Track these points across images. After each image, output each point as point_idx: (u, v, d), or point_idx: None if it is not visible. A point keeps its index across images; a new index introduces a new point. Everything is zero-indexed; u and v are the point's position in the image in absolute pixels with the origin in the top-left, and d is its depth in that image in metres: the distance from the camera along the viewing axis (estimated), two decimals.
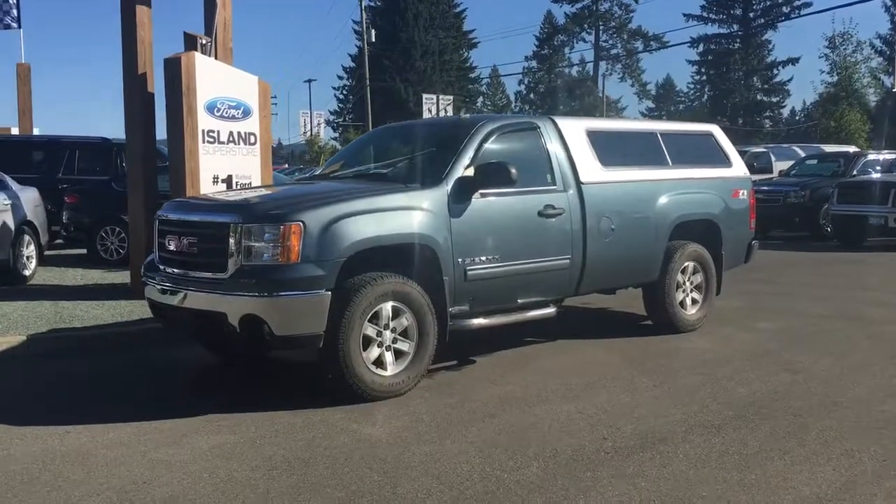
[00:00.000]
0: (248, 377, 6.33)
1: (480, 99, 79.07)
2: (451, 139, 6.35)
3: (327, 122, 66.33)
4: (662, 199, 7.25)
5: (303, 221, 5.18)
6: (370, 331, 5.44)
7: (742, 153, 20.39)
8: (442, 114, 35.42)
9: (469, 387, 5.84)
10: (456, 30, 66.18)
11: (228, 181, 9.03)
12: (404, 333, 5.63)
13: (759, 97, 61.81)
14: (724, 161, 8.13)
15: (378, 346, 5.50)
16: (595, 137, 6.99)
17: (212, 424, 4.99)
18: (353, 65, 63.45)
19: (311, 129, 62.35)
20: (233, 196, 6.47)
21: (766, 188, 17.36)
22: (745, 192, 8.15)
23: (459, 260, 5.86)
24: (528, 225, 6.30)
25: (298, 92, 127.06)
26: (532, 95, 73.35)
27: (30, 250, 10.32)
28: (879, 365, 6.35)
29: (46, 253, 12.10)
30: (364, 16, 45.44)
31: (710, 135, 8.22)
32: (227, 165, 9.13)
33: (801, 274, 12.05)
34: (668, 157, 7.54)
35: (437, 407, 5.34)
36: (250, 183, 9.04)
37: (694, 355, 6.75)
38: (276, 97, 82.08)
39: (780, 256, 14.05)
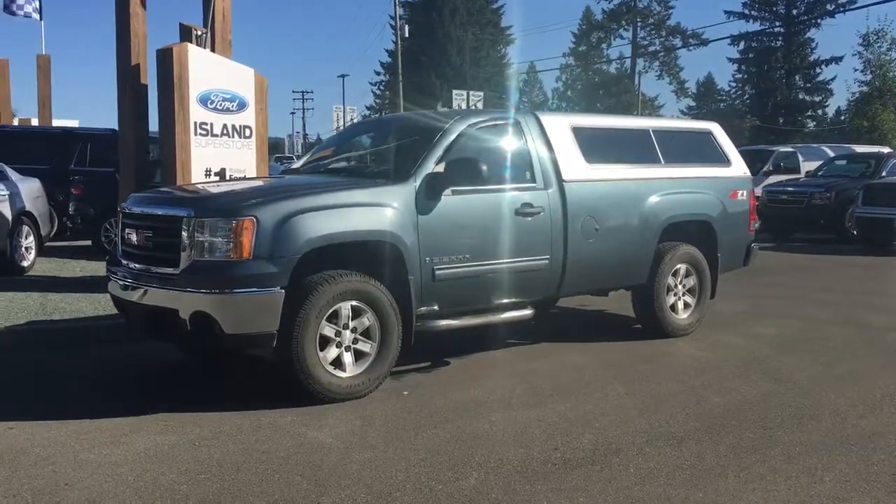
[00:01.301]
0: (213, 376, 6.19)
1: (517, 96, 78.80)
2: (426, 134, 6.16)
3: (364, 118, 66.45)
4: (652, 199, 6.98)
5: (255, 217, 5.02)
6: (328, 330, 5.27)
7: (769, 153, 20.04)
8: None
9: (434, 390, 5.65)
10: (493, 26, 65.88)
11: (222, 174, 8.92)
12: (366, 334, 5.45)
13: (801, 96, 60.53)
14: (723, 160, 7.83)
15: (337, 347, 5.33)
16: (581, 134, 6.75)
17: (157, 424, 4.86)
18: (389, 60, 63.45)
19: (344, 124, 62.47)
20: (195, 188, 6.31)
21: (790, 189, 16.95)
22: (745, 192, 7.84)
23: (427, 259, 5.67)
24: (503, 224, 6.08)
25: (336, 87, 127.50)
26: (570, 92, 72.75)
27: (28, 241, 10.33)
28: (870, 374, 6.04)
29: (54, 244, 12.17)
30: (397, 11, 45.24)
31: (708, 133, 7.93)
32: (220, 158, 9.02)
33: (816, 278, 11.64)
34: (660, 155, 7.26)
35: (394, 410, 5.16)
36: (244, 177, 8.92)
37: (678, 361, 6.49)
38: (312, 92, 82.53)
39: (798, 260, 13.66)
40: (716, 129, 8.00)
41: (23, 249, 10.20)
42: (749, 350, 6.86)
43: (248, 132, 9.38)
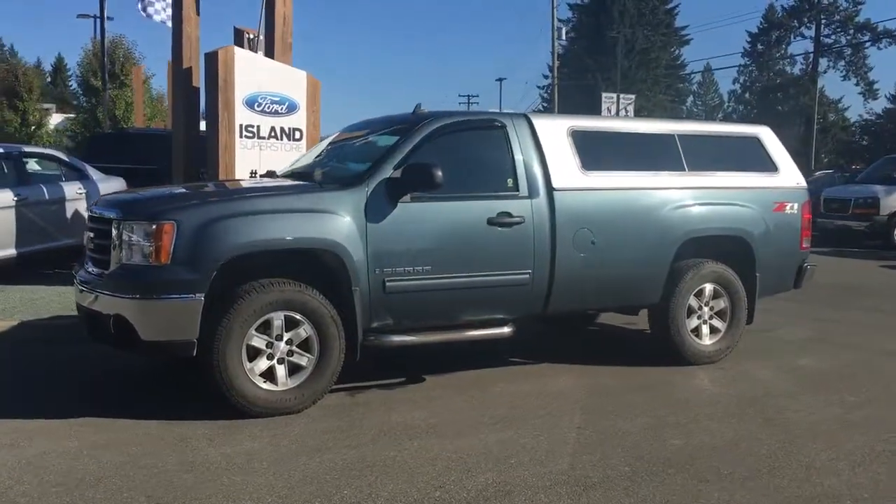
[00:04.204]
0: (176, 381, 6.09)
1: (690, 98, 75.80)
2: (393, 136, 5.81)
3: None
4: (667, 211, 6.28)
5: (176, 221, 4.86)
6: (257, 341, 5.04)
7: None
8: (622, 114, 33.98)
9: (379, 409, 5.30)
10: (666, 26, 63.72)
11: (269, 177, 8.92)
12: (304, 346, 5.19)
13: None
14: (770, 168, 6.95)
15: (268, 359, 5.10)
16: (581, 139, 6.17)
17: (70, 428, 4.80)
18: (557, 63, 62.72)
19: None
20: (150, 191, 6.18)
21: None
22: (796, 205, 6.92)
23: (377, 270, 5.32)
24: (471, 234, 5.64)
25: (506, 90, 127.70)
26: (748, 95, 69.19)
27: None
28: (890, 423, 5.13)
29: None
30: (555, 14, 44.42)
31: (754, 138, 7.06)
32: (267, 160, 9.04)
33: None
34: (685, 162, 6.53)
35: (315, 430, 4.86)
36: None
37: (674, 393, 5.78)
38: (478, 96, 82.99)
39: None
40: (764, 134, 7.12)
41: None
42: (769, 384, 6.04)
43: (297, 134, 9.37)
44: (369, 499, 3.88)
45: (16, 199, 9.25)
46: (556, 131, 6.10)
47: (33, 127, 35.15)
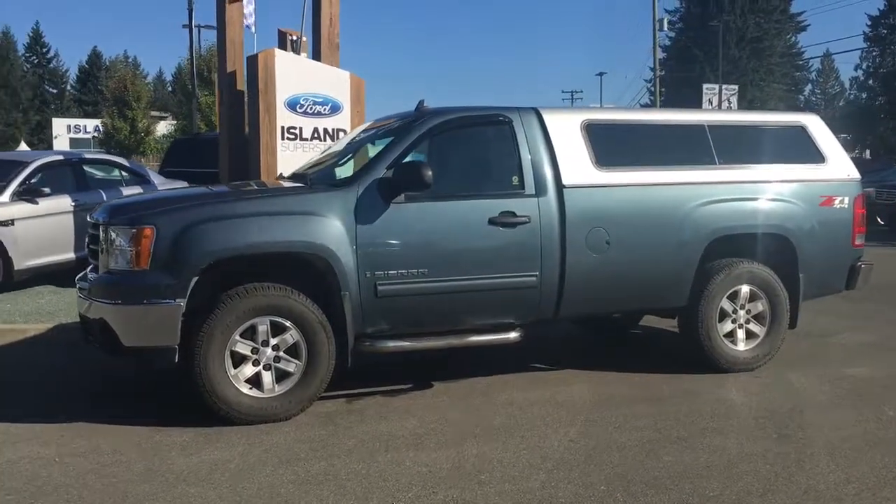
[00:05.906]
0: (182, 388, 6.04)
1: (808, 87, 72.55)
2: (392, 135, 5.62)
3: None
4: (692, 207, 5.85)
5: (155, 225, 4.81)
6: (241, 347, 4.94)
7: None
8: (724, 106, 32.73)
9: (371, 418, 5.11)
10: (780, 13, 61.12)
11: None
12: (292, 352, 5.06)
13: None
14: (817, 159, 6.40)
15: (254, 365, 4.99)
16: (596, 133, 5.81)
17: (54, 434, 4.80)
18: (663, 55, 61.01)
19: None
20: (141, 195, 6.15)
21: None
22: (846, 199, 6.35)
23: (367, 273, 5.13)
24: (471, 235, 5.38)
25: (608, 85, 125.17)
26: (871, 81, 65.63)
27: None
28: None
29: None
30: (655, 6, 42.95)
31: (800, 128, 6.50)
32: None
33: None
34: (716, 155, 6.07)
35: (294, 439, 4.72)
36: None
37: (692, 405, 5.35)
38: (581, 92, 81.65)
39: None
40: (812, 122, 6.55)
41: None
42: (803, 395, 5.54)
43: (341, 135, 9.26)
44: None
45: (74, 204, 9.52)
46: (568, 125, 5.77)
47: (142, 134, 36.69)
